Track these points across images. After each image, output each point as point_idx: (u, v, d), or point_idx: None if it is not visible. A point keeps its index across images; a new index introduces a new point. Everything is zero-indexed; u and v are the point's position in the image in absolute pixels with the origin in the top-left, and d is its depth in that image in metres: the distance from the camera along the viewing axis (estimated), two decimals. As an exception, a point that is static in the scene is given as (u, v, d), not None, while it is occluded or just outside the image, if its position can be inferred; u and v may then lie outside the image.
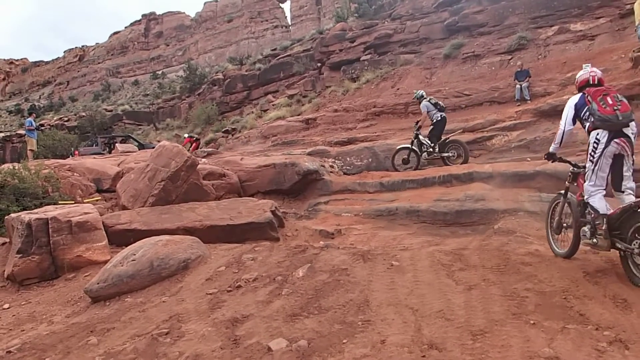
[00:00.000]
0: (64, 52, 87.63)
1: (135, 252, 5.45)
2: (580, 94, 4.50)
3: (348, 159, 12.87)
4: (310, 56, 26.35)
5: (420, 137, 11.33)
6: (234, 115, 28.63)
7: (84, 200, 9.13)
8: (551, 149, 4.81)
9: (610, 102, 4.14)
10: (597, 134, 4.19)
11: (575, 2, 16.70)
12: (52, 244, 6.28)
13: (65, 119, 42.81)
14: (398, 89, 18.96)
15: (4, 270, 6.47)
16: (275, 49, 34.18)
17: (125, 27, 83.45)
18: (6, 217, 7.41)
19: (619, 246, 4.05)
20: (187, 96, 36.14)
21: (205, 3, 77.89)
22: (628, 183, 4.26)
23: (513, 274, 4.33)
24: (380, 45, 22.16)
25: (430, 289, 4.09)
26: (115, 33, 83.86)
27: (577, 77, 4.77)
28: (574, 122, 4.54)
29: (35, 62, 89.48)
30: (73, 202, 8.75)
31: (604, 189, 4.31)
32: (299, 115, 21.23)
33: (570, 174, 4.92)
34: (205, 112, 29.31)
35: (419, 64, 19.98)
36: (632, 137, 4.16)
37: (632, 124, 4.17)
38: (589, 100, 4.29)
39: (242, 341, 3.49)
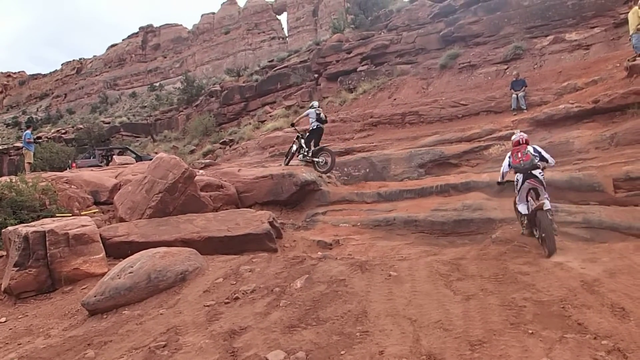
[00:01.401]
0: (62, 64, 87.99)
1: (133, 265, 5.44)
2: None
3: (345, 169, 12.91)
4: (307, 67, 26.44)
5: (302, 141, 12.35)
6: (231, 126, 28.66)
7: (82, 213, 9.11)
8: (498, 179, 6.81)
9: (519, 155, 6.24)
10: (518, 176, 6.32)
11: (570, 12, 16.83)
12: (50, 257, 6.26)
13: (63, 131, 42.77)
14: (395, 99, 19.03)
15: (1, 284, 6.43)
16: (272, 60, 34.32)
17: (123, 40, 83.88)
18: (3, 230, 7.40)
19: (535, 233, 6.17)
20: (185, 108, 36.17)
21: (202, 15, 78.47)
22: (545, 201, 6.10)
23: (511, 284, 4.33)
24: (377, 56, 22.27)
25: (429, 299, 4.09)
26: (112, 45, 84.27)
27: (512, 139, 6.64)
28: (509, 167, 6.52)
29: (33, 74, 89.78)
30: (70, 214, 8.74)
31: (526, 202, 6.39)
32: (296, 126, 21.24)
33: None
34: (202, 123, 29.36)
35: (416, 74, 20.07)
36: (539, 177, 6.14)
37: (552, 162, 6.44)
38: (510, 155, 6.49)
39: (240, 353, 3.47)
